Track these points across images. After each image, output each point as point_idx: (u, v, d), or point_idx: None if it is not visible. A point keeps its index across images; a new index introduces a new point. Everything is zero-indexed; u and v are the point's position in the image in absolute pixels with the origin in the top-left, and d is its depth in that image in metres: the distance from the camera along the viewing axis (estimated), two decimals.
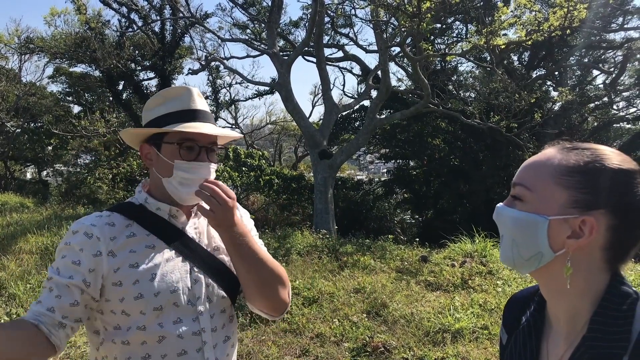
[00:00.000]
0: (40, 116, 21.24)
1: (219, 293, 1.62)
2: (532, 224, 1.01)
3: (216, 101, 20.84)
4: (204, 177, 1.56)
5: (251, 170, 18.88)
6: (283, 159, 34.94)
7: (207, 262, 1.62)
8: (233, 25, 20.34)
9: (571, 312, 1.04)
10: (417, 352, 4.78)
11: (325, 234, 10.46)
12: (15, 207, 12.34)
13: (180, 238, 1.61)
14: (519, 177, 1.07)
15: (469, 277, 6.78)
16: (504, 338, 1.23)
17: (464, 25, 18.83)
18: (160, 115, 1.61)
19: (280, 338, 5.29)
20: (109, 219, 1.58)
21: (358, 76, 22.14)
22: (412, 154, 20.63)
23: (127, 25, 17.61)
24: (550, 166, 1.03)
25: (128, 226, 1.58)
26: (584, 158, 1.01)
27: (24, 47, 19.04)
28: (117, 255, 1.52)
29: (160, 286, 1.52)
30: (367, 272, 7.56)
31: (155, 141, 1.62)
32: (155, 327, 1.51)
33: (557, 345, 1.07)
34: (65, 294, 1.45)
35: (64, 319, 1.44)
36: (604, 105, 19.76)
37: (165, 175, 1.59)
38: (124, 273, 1.51)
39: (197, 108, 1.62)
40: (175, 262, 1.57)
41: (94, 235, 1.52)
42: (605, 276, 1.01)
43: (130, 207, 1.65)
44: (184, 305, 1.55)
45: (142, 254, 1.55)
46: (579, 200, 0.98)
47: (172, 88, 1.66)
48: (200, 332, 1.56)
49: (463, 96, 17.44)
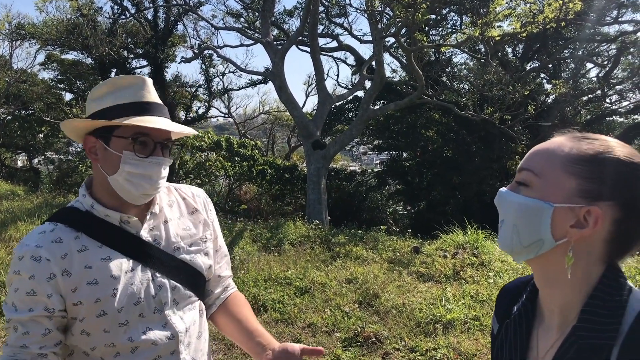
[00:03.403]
0: (32, 103, 21.04)
1: (185, 293, 1.57)
2: (536, 210, 1.00)
3: (209, 90, 20.72)
4: (154, 173, 1.47)
5: (244, 160, 18.81)
6: (276, 149, 34.85)
7: (169, 265, 1.54)
8: (227, 14, 20.22)
9: (564, 303, 1.03)
10: (408, 342, 4.79)
11: (318, 225, 10.45)
12: (5, 195, 12.26)
13: (136, 245, 1.51)
14: (526, 162, 1.06)
15: (461, 269, 6.80)
16: (495, 327, 1.23)
17: (458, 16, 18.81)
18: (110, 106, 1.46)
19: (271, 328, 5.29)
20: (54, 235, 1.45)
21: (352, 66, 22.08)
22: (406, 145, 20.62)
23: (119, 12, 17.47)
24: (561, 153, 1.01)
25: (77, 238, 1.46)
26: (595, 148, 0.99)
27: (14, 33, 18.86)
28: (72, 274, 1.41)
29: (123, 301, 1.44)
30: (359, 262, 7.57)
31: (102, 134, 1.47)
32: (126, 342, 1.45)
33: (548, 335, 1.07)
34: (32, 328, 1.37)
35: (41, 349, 1.38)
36: (597, 98, 19.80)
37: (112, 172, 1.46)
38: (83, 292, 1.41)
39: (152, 100, 1.51)
40: (135, 272, 1.49)
41: (42, 257, 1.39)
42: (601, 268, 1.00)
43: (75, 214, 1.52)
44: (150, 314, 1.49)
45: (99, 268, 1.44)
46: (587, 190, 0.97)
47: (124, 76, 1.53)
48: (174, 336, 1.52)
49: (457, 88, 17.44)
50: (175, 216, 1.64)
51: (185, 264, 1.58)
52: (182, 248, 1.59)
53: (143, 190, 1.47)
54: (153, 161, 1.46)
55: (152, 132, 1.47)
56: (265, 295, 6.04)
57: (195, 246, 1.63)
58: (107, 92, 1.49)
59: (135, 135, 1.45)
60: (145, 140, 1.46)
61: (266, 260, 7.62)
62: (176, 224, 1.62)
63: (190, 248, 1.61)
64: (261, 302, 5.86)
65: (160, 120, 1.47)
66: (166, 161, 1.51)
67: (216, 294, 1.76)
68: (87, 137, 1.51)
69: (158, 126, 1.44)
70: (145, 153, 1.46)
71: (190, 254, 1.61)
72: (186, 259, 1.59)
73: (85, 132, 1.52)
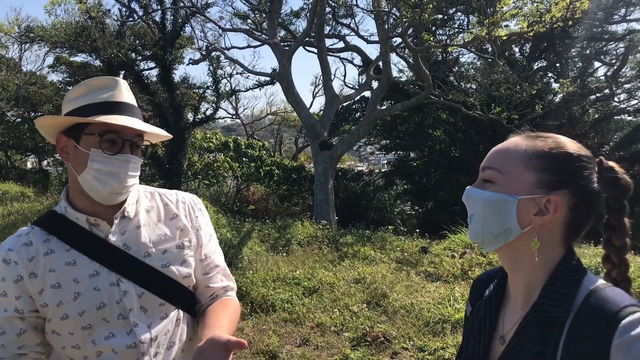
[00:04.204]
0: (41, 105, 21.16)
1: (154, 301, 1.53)
2: (502, 203, 1.11)
3: (217, 91, 20.75)
4: (122, 171, 1.47)
5: (252, 160, 18.87)
6: (283, 149, 34.89)
7: (137, 271, 1.52)
8: (234, 15, 20.23)
9: (528, 284, 1.14)
10: (416, 342, 4.81)
11: (326, 225, 10.48)
12: (15, 196, 12.36)
13: (103, 249, 1.50)
14: (488, 161, 1.17)
15: (469, 268, 6.80)
16: (469, 310, 1.36)
17: (465, 16, 18.73)
18: (82, 106, 1.48)
19: (280, 327, 5.32)
20: (26, 238, 1.50)
21: (359, 67, 22.04)
22: (413, 145, 20.59)
23: (127, 15, 17.51)
24: (519, 151, 1.13)
25: (46, 241, 1.50)
26: (548, 144, 1.12)
27: (24, 36, 18.98)
28: (38, 276, 1.45)
29: (84, 305, 1.45)
30: (367, 262, 7.59)
31: (74, 133, 1.48)
32: (90, 345, 1.46)
33: (513, 313, 1.18)
34: (7, 328, 1.44)
35: (20, 349, 1.43)
36: (605, 97, 19.69)
37: (81, 170, 1.47)
38: (47, 295, 1.45)
39: (124, 101, 1.52)
40: (100, 276, 1.48)
41: (11, 260, 1.45)
42: (561, 251, 1.12)
43: (51, 218, 1.56)
44: (114, 319, 1.48)
45: (63, 272, 1.46)
46: (545, 181, 1.10)
47: (98, 78, 1.55)
48: (136, 345, 1.48)
49: (464, 87, 17.36)
50: (151, 222, 1.61)
51: (156, 270, 1.54)
52: (154, 254, 1.56)
53: (111, 188, 1.46)
54: (121, 158, 1.47)
55: (121, 130, 1.47)
56: (274, 295, 6.07)
57: (170, 253, 1.59)
58: (81, 93, 1.51)
59: (103, 132, 1.45)
60: (113, 138, 1.46)
61: (274, 261, 7.65)
62: (151, 230, 1.59)
63: (163, 255, 1.57)
64: (270, 302, 5.89)
65: (129, 120, 1.47)
66: (134, 159, 1.50)
67: (202, 304, 1.70)
68: (59, 136, 1.53)
69: (125, 124, 1.44)
70: (113, 150, 1.46)
71: (163, 260, 1.56)
72: (157, 265, 1.55)
73: (58, 131, 1.53)
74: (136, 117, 1.53)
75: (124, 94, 1.53)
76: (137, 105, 1.59)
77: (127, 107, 1.52)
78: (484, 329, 1.22)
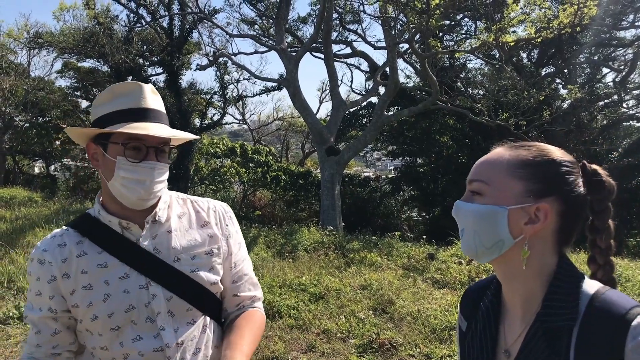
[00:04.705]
0: (49, 111, 21.28)
1: (182, 305, 1.54)
2: (493, 215, 1.10)
3: (224, 97, 20.83)
4: (148, 177, 1.48)
5: (258, 166, 18.88)
6: (290, 155, 34.92)
7: (166, 275, 1.53)
8: (241, 21, 20.34)
9: (526, 294, 1.13)
10: (423, 349, 4.77)
11: (332, 231, 10.46)
12: (23, 201, 12.41)
13: (134, 252, 1.53)
14: (474, 174, 1.17)
15: (476, 275, 6.76)
16: (464, 325, 1.31)
17: (472, 22, 18.72)
18: (108, 113, 1.50)
19: (286, 334, 5.29)
20: (60, 240, 1.54)
21: (366, 73, 22.06)
22: (420, 151, 20.57)
23: (135, 21, 17.64)
24: (504, 161, 1.13)
25: (79, 243, 1.53)
26: (532, 153, 1.13)
27: (32, 41, 19.14)
28: (70, 277, 1.49)
29: (113, 306, 1.47)
30: (373, 269, 7.56)
31: (101, 141, 1.51)
32: (117, 347, 1.48)
33: (513, 326, 1.16)
34: (42, 328, 1.48)
35: (55, 349, 1.47)
36: (613, 103, 19.58)
37: (110, 178, 1.50)
38: (79, 295, 1.48)
39: (148, 106, 1.52)
40: (130, 279, 1.50)
41: (46, 261, 1.50)
42: (554, 258, 1.11)
43: (85, 220, 1.59)
44: (142, 322, 1.50)
45: (94, 274, 1.49)
46: (533, 190, 1.09)
47: (123, 83, 1.56)
48: (162, 349, 1.50)
49: (471, 93, 17.33)
50: (182, 227, 1.62)
51: (185, 276, 1.56)
52: (183, 259, 1.57)
53: (138, 195, 1.48)
54: (146, 166, 1.48)
55: (145, 138, 1.48)
56: (280, 301, 6.05)
57: (199, 259, 1.60)
58: (106, 99, 1.53)
59: (126, 141, 1.47)
60: (138, 146, 1.48)
61: (280, 267, 7.64)
62: (181, 235, 1.60)
63: (192, 260, 1.58)
64: (276, 309, 5.87)
65: (153, 126, 1.49)
66: (159, 165, 1.51)
67: (229, 313, 1.71)
68: (89, 143, 1.56)
69: (146, 132, 1.44)
70: (138, 158, 1.48)
71: (192, 266, 1.58)
72: (186, 270, 1.56)
73: (87, 138, 1.56)
74: (161, 122, 1.54)
75: (149, 100, 1.54)
76: (164, 108, 1.61)
77: (151, 113, 1.53)
78: (486, 344, 1.20)
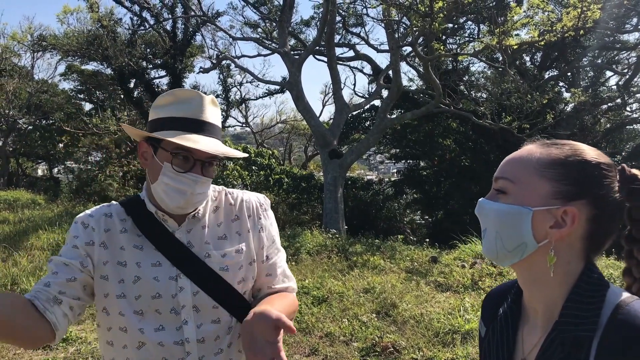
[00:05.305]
0: (52, 113, 21.37)
1: (208, 302, 1.53)
2: (516, 216, 1.04)
3: (227, 100, 20.89)
4: (189, 189, 1.48)
5: (261, 169, 18.90)
6: (293, 158, 34.94)
7: (197, 270, 1.54)
8: (244, 24, 20.40)
9: (548, 301, 1.07)
10: (426, 352, 4.76)
11: (335, 234, 10.45)
12: (26, 203, 12.43)
13: (170, 243, 1.55)
14: (501, 171, 1.10)
15: (479, 278, 6.74)
16: (483, 331, 1.26)
17: (476, 25, 18.74)
18: (164, 117, 1.52)
19: (289, 337, 5.28)
20: (108, 210, 1.59)
21: (369, 76, 22.11)
22: (423, 154, 20.56)
23: (138, 24, 17.68)
24: (533, 159, 1.06)
25: (123, 220, 1.57)
26: (564, 152, 1.05)
27: (36, 44, 19.22)
28: (108, 248, 1.52)
29: (142, 290, 1.49)
30: (376, 272, 7.54)
31: (153, 142, 1.53)
32: (136, 332, 1.48)
33: (532, 333, 1.10)
34: (62, 270, 1.46)
35: (60, 294, 1.42)
36: (617, 106, 19.55)
37: (154, 180, 1.52)
38: (111, 268, 1.50)
39: (205, 120, 1.53)
40: (161, 267, 1.52)
41: (89, 225, 1.53)
42: (580, 265, 1.04)
43: (133, 201, 1.62)
44: (167, 313, 1.50)
45: (130, 253, 1.52)
46: (562, 192, 1.02)
47: (186, 90, 1.56)
48: (183, 342, 1.49)
49: (474, 96, 17.31)
50: (215, 223, 1.63)
51: (214, 273, 1.55)
52: (214, 256, 1.57)
53: (177, 203, 1.49)
54: (189, 177, 1.48)
55: (194, 150, 1.47)
56: None
57: (228, 257, 1.59)
58: (168, 102, 1.54)
59: (176, 151, 1.48)
60: (187, 156, 1.48)
61: None
62: (214, 231, 1.61)
63: (222, 258, 1.58)
64: None
65: (205, 140, 1.48)
66: (202, 179, 1.50)
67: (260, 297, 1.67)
68: (141, 142, 1.59)
69: (195, 146, 1.44)
70: (184, 168, 1.48)
71: (222, 264, 1.57)
72: (216, 267, 1.56)
73: (142, 137, 1.60)
74: (214, 136, 1.54)
75: (207, 112, 1.54)
76: (220, 121, 1.61)
77: (206, 126, 1.53)
78: (502, 352, 1.15)
